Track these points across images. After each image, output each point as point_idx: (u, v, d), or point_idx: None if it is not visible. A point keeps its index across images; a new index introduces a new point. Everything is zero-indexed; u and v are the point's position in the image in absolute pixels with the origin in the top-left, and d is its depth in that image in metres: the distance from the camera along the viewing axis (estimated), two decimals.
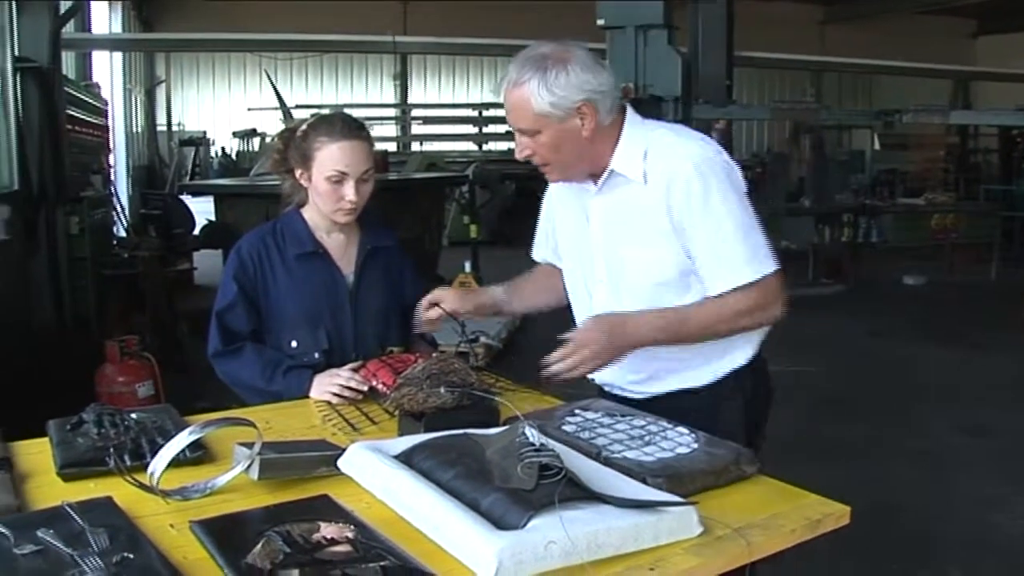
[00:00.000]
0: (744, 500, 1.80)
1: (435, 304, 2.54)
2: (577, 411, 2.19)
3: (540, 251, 2.73)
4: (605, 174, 2.29)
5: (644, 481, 1.75)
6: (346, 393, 2.46)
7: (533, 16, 17.51)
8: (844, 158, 15.40)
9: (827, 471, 2.91)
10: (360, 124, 2.68)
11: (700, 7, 9.61)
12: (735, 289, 2.21)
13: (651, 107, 7.06)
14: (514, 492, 1.55)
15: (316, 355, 2.65)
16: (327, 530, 1.52)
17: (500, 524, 1.49)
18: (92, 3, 13.17)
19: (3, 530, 1.51)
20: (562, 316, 2.39)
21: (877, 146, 17.48)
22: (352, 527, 1.54)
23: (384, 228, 2.86)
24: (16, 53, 6.97)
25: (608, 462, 1.85)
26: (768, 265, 2.22)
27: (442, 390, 2.10)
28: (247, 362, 2.63)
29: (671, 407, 2.25)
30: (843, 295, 11.33)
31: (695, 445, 1.96)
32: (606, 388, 2.48)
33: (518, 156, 2.29)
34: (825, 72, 22.08)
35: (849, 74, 22.16)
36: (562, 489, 1.52)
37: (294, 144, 2.67)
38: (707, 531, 1.61)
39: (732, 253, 2.20)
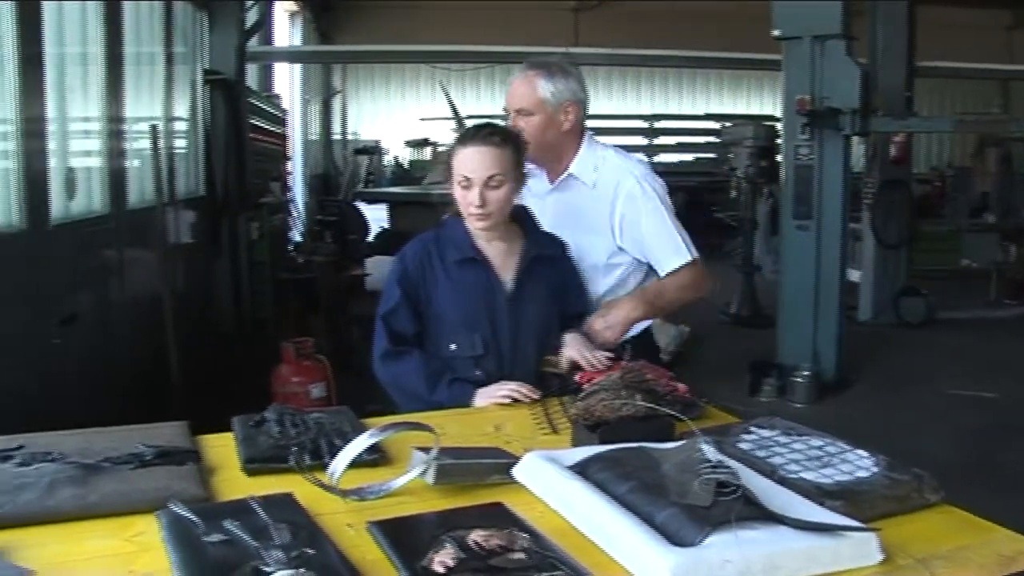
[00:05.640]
0: (927, 529, 1.73)
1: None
2: (753, 428, 2.14)
3: None
4: (564, 175, 3.03)
5: (821, 503, 1.70)
6: (517, 396, 2.53)
7: (711, 26, 17.34)
8: None
9: (1007, 502, 2.76)
10: (495, 130, 2.68)
11: (880, 15, 9.30)
12: (680, 267, 2.93)
13: (828, 119, 6.84)
14: (690, 508, 1.53)
15: (473, 358, 2.69)
16: (501, 537, 1.53)
17: (675, 540, 1.47)
18: (274, 18, 13.68)
19: (194, 518, 1.59)
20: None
21: None
22: (526, 535, 1.55)
23: (550, 237, 2.86)
24: (206, 66, 7.33)
25: (784, 482, 1.81)
26: (695, 251, 2.97)
27: (638, 398, 2.09)
28: (412, 368, 2.68)
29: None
30: None
31: (875, 469, 1.89)
32: None
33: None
34: (1013, 81, 21.02)
35: None
36: (739, 507, 1.50)
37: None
38: (888, 559, 1.55)
39: (674, 240, 2.96)
